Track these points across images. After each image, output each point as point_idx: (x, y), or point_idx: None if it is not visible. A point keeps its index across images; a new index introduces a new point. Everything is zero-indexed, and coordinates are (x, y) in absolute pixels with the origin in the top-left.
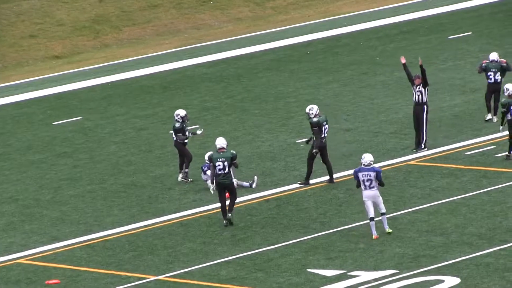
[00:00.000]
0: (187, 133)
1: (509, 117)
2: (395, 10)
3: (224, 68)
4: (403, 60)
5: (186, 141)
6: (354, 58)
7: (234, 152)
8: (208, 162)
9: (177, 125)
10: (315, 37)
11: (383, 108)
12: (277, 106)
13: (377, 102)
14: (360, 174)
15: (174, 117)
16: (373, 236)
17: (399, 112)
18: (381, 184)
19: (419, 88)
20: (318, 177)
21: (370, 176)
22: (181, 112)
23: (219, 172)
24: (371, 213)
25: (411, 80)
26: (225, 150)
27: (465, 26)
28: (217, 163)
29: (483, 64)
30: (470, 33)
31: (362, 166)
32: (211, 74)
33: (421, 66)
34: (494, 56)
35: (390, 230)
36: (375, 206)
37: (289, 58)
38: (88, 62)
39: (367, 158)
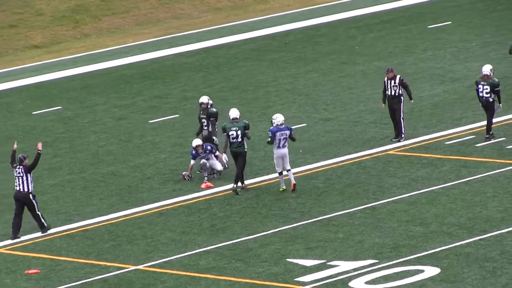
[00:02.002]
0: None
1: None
2: (374, 0)
3: (203, 58)
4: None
5: None
6: (334, 48)
7: (247, 122)
8: (193, 147)
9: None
10: (294, 26)
11: (362, 98)
12: (256, 95)
13: (356, 91)
14: (278, 134)
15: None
16: (281, 188)
17: (379, 101)
18: (293, 139)
19: (394, 83)
20: (297, 167)
21: (286, 134)
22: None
23: (233, 141)
24: (280, 169)
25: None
26: (238, 121)
27: (445, 15)
28: (230, 132)
29: None
30: (450, 22)
31: (277, 126)
32: (190, 64)
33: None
34: None
35: (294, 183)
36: (284, 163)
37: (268, 47)
38: (67, 52)
39: (280, 118)
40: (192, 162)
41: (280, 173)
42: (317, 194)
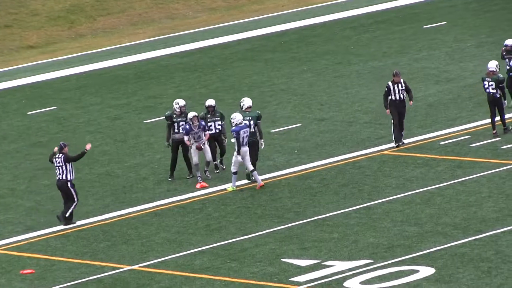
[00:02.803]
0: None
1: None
2: (369, 0)
3: (198, 58)
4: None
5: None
6: (329, 48)
7: (259, 112)
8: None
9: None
10: (289, 27)
11: (357, 98)
12: (251, 95)
13: (351, 91)
14: (241, 132)
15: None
16: (231, 188)
17: (374, 101)
18: (259, 131)
19: (402, 87)
20: (292, 167)
21: (247, 131)
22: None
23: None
24: (236, 168)
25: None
26: (251, 110)
27: (439, 16)
28: (244, 122)
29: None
30: (445, 22)
31: (237, 125)
32: (185, 64)
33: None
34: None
35: (262, 184)
36: (245, 161)
37: (263, 47)
38: (62, 52)
39: (239, 117)
40: (186, 138)
41: (235, 173)
42: (312, 194)
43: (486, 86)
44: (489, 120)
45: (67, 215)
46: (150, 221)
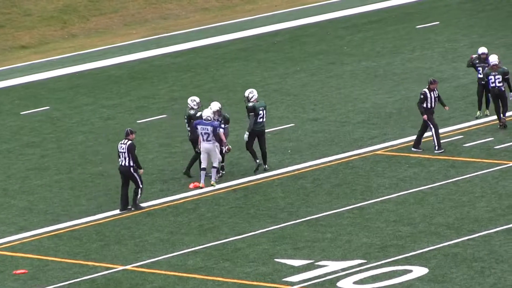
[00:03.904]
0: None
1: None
2: (363, 0)
3: (191, 58)
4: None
5: None
6: (322, 48)
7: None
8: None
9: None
10: (282, 26)
11: (350, 98)
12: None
13: (344, 91)
14: (199, 127)
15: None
16: (201, 184)
17: (367, 101)
18: (217, 140)
19: (436, 94)
20: (285, 167)
21: (207, 130)
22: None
23: (259, 120)
24: (204, 164)
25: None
26: (259, 100)
27: (433, 15)
28: (260, 112)
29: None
30: (438, 22)
31: (202, 120)
32: (178, 64)
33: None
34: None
35: (214, 184)
36: (209, 158)
37: (256, 47)
38: (55, 52)
39: (206, 113)
40: (222, 131)
41: (203, 169)
42: (305, 194)
43: (492, 80)
44: (482, 120)
45: (136, 202)
46: (143, 221)
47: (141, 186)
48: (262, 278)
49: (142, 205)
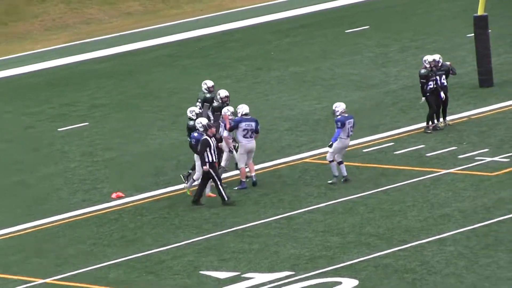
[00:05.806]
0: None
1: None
2: (290, 4)
3: (114, 64)
4: None
5: None
6: (248, 53)
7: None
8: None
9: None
10: (207, 31)
11: (277, 104)
12: (169, 102)
13: (271, 98)
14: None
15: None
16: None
17: (294, 108)
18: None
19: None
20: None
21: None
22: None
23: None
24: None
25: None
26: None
27: (362, 19)
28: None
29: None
30: (368, 27)
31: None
32: (101, 70)
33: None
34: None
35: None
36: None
37: (181, 53)
38: None
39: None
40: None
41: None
42: (231, 204)
43: (439, 79)
44: (412, 127)
45: (224, 198)
46: (64, 233)
47: (218, 181)
48: None
49: (66, 215)
